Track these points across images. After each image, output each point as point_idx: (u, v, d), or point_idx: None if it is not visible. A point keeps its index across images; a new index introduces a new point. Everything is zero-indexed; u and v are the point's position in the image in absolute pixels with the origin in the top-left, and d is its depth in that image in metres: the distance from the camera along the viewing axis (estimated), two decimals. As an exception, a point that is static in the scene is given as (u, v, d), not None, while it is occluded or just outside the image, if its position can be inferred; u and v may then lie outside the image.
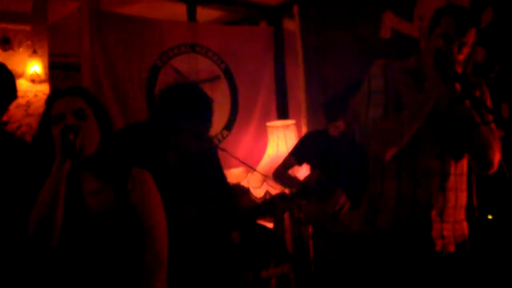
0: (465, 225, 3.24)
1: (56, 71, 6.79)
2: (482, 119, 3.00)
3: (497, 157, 3.07)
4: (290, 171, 5.46)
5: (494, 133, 3.08)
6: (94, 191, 2.66)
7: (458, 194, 3.16)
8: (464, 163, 3.17)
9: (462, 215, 3.21)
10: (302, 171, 5.79)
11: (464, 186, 3.20)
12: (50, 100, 2.69)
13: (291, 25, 6.95)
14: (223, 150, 4.38)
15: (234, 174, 6.59)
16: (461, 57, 2.98)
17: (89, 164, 2.65)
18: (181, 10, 6.61)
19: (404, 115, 2.97)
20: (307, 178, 5.20)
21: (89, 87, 5.54)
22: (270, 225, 5.72)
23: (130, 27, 5.99)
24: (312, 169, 5.31)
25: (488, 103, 3.17)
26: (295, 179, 5.36)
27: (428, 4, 5.25)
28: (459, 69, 2.93)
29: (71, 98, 2.65)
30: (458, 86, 2.89)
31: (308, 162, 5.37)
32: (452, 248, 3.14)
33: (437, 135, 3.07)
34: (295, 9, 6.72)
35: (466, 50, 2.99)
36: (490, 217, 4.27)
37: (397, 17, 5.60)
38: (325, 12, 6.41)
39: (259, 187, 5.83)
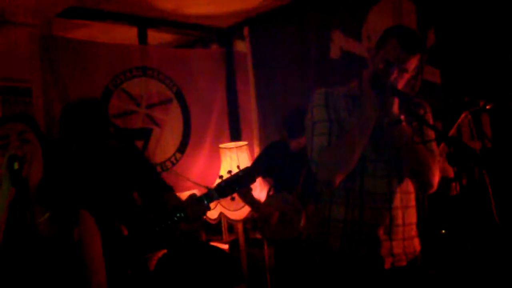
0: (416, 242, 3.26)
1: (7, 97, 6.74)
2: (421, 139, 3.06)
3: (436, 178, 3.11)
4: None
5: (434, 153, 3.14)
6: (42, 218, 2.64)
7: (406, 212, 3.18)
8: (410, 181, 3.22)
9: (412, 232, 3.24)
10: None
11: (412, 203, 3.23)
12: None
13: (242, 47, 7.01)
14: (176, 173, 4.39)
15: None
16: (401, 82, 3.02)
17: (37, 194, 2.63)
18: (132, 34, 6.61)
19: (347, 139, 3.01)
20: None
21: (40, 111, 5.52)
22: (225, 246, 5.74)
23: (82, 51, 5.98)
24: (274, 183, 5.33)
25: (431, 122, 3.22)
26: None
27: (376, 24, 5.33)
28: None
29: (14, 124, 2.65)
30: (395, 107, 2.95)
31: (269, 176, 5.40)
32: (403, 264, 3.17)
33: (380, 155, 3.12)
34: (246, 31, 6.77)
35: (406, 76, 3.02)
36: (443, 231, 4.33)
37: (346, 37, 5.67)
38: (275, 33, 6.47)
39: (213, 208, 5.84)
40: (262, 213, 5.10)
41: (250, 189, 4.95)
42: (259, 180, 5.58)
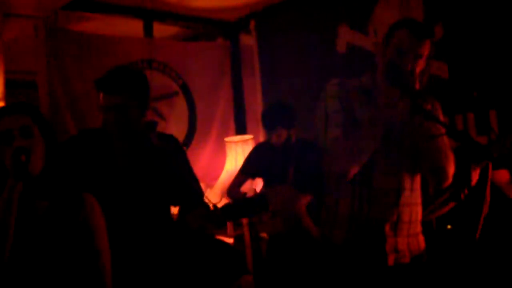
0: (421, 238, 3.24)
1: (12, 89, 6.71)
2: (439, 131, 3.03)
3: (452, 169, 3.08)
4: (246, 187, 5.47)
5: (447, 144, 3.11)
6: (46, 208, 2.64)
7: (413, 209, 3.17)
8: (418, 178, 3.19)
9: (417, 228, 3.22)
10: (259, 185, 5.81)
11: (419, 200, 3.21)
12: None
13: (248, 40, 6.99)
14: None
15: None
16: (417, 69, 2.99)
17: (37, 184, 2.63)
18: (138, 27, 6.59)
19: (361, 132, 2.99)
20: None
21: (46, 104, 5.52)
22: (230, 240, 5.71)
23: (87, 44, 5.97)
24: (264, 182, 5.33)
25: (440, 116, 3.20)
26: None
27: (383, 18, 5.31)
28: (416, 82, 2.95)
29: (18, 116, 2.64)
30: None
31: (259, 175, 5.41)
32: (407, 261, 3.15)
33: (392, 151, 3.09)
34: (252, 24, 6.75)
35: (421, 63, 3.01)
36: (449, 227, 4.30)
37: (352, 31, 5.65)
38: (281, 26, 6.45)
39: (218, 202, 5.82)
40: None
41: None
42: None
